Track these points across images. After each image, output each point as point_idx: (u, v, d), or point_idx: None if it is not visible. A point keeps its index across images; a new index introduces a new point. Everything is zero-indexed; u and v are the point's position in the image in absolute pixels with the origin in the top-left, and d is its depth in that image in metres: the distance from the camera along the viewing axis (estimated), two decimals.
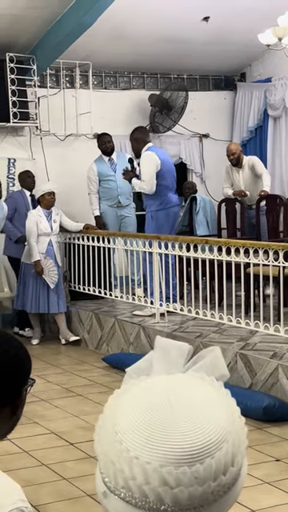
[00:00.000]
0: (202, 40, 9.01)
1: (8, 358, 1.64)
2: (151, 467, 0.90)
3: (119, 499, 0.94)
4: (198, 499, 0.92)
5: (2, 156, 8.88)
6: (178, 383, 0.99)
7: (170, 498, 0.91)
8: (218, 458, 0.93)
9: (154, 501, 0.91)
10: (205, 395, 0.97)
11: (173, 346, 1.06)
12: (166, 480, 0.90)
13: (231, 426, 0.97)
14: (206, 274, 6.62)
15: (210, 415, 0.95)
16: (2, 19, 7.83)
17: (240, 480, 0.99)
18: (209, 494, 0.93)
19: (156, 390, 0.97)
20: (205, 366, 1.03)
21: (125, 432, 0.93)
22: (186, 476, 0.91)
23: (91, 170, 8.55)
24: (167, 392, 0.96)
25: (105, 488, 0.96)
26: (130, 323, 7.09)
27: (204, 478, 0.91)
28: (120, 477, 0.93)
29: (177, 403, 0.94)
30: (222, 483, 0.94)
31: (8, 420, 1.65)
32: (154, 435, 0.92)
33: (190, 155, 10.08)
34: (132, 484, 0.92)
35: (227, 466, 0.94)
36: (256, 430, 5.12)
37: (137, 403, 0.96)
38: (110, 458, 0.93)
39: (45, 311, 7.86)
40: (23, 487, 1.46)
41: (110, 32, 8.48)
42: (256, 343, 5.99)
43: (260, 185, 8.27)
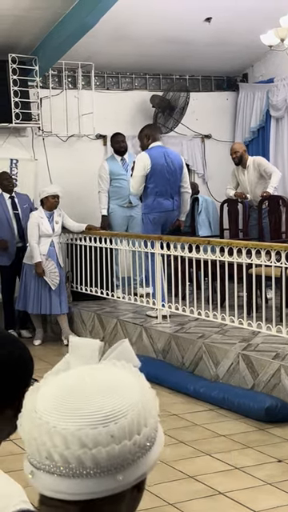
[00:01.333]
0: (204, 41, 9.01)
1: (12, 359, 1.64)
2: (69, 432, 0.97)
3: (45, 473, 1.00)
4: (117, 458, 0.98)
5: (5, 157, 8.88)
6: (91, 368, 1.07)
7: (91, 460, 0.97)
8: (131, 418, 1.00)
9: (76, 465, 0.98)
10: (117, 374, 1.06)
11: (86, 344, 1.13)
12: (83, 442, 0.97)
13: (141, 393, 1.04)
14: (209, 274, 6.62)
15: (121, 384, 1.03)
16: (5, 20, 7.84)
17: (157, 444, 1.05)
18: (127, 454, 0.99)
19: (72, 374, 1.06)
20: (115, 356, 1.10)
21: (44, 409, 1.01)
22: (101, 436, 0.97)
23: (103, 169, 8.54)
24: (81, 374, 1.05)
25: (31, 468, 1.02)
26: (132, 324, 7.09)
27: (119, 436, 0.98)
28: (43, 449, 0.99)
29: (92, 381, 1.03)
30: (138, 442, 1.00)
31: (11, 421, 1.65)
32: (71, 406, 0.99)
33: (192, 156, 10.07)
34: (54, 452, 0.98)
35: (140, 426, 1.01)
36: (258, 431, 5.12)
37: (53, 385, 1.05)
38: (33, 434, 1.01)
39: (46, 312, 7.86)
40: (25, 488, 1.46)
41: (113, 33, 8.48)
42: (258, 344, 5.99)
43: (265, 185, 8.25)
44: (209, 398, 5.74)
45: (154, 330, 6.80)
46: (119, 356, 1.10)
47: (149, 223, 7.34)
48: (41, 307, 7.78)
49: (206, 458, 4.67)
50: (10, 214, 8.05)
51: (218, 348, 6.00)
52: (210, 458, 4.68)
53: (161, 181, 7.21)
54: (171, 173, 7.26)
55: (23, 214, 8.06)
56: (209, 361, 6.08)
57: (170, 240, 6.89)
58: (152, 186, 7.21)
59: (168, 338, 6.57)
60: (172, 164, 7.28)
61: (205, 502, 4.00)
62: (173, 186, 7.29)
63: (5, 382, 1.63)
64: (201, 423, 5.34)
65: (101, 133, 9.36)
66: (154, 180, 7.19)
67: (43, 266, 7.69)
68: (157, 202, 7.24)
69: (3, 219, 7.97)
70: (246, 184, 8.41)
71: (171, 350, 6.53)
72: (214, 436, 5.08)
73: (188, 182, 7.52)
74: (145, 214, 7.39)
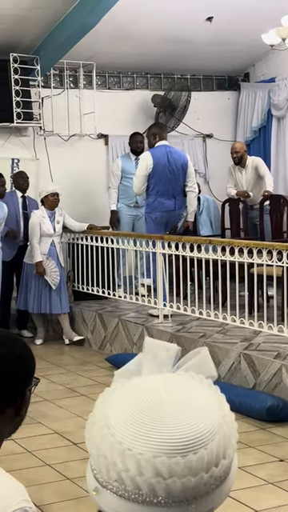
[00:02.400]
0: (205, 40, 9.01)
1: (13, 358, 1.64)
2: (144, 458, 0.91)
3: (112, 493, 0.94)
4: (191, 491, 0.93)
5: (6, 156, 8.88)
6: (168, 380, 1.00)
7: (163, 490, 0.91)
8: (211, 449, 0.93)
9: (147, 493, 0.92)
10: (195, 391, 0.99)
11: (161, 347, 1.07)
12: (159, 471, 0.91)
13: (222, 419, 0.97)
14: (210, 274, 6.62)
15: (202, 409, 0.96)
16: (6, 20, 7.84)
17: (231, 475, 0.99)
18: (201, 486, 0.93)
19: (147, 386, 0.98)
20: (193, 366, 1.04)
21: (117, 425, 0.94)
22: (179, 466, 0.91)
23: (116, 165, 8.60)
24: (158, 387, 0.97)
25: (97, 484, 0.96)
26: (134, 323, 7.09)
27: (197, 468, 0.92)
28: (113, 470, 0.93)
29: (168, 397, 0.95)
30: (215, 475, 0.94)
31: (12, 420, 1.65)
32: (146, 427, 0.92)
33: (193, 155, 10.06)
34: (125, 476, 0.92)
35: (219, 458, 0.95)
36: (259, 431, 5.12)
37: (128, 398, 0.97)
38: (103, 452, 0.94)
39: (46, 311, 7.86)
40: (27, 487, 1.47)
41: (114, 32, 8.48)
42: (260, 343, 5.99)
43: (262, 186, 8.27)
44: None
45: (155, 329, 6.80)
46: (196, 366, 1.05)
47: (151, 223, 7.36)
48: (41, 306, 7.79)
49: None
50: (19, 211, 8.10)
51: (220, 347, 6.00)
52: None
53: (162, 180, 7.21)
54: (173, 172, 7.25)
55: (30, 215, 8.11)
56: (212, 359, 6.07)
57: (171, 239, 6.89)
58: (153, 185, 7.22)
59: (169, 338, 6.56)
60: (175, 163, 7.27)
61: None
62: (175, 186, 7.28)
63: (6, 381, 1.63)
64: None
65: (102, 132, 9.36)
66: (155, 179, 7.20)
67: (44, 265, 7.69)
68: (158, 202, 7.25)
69: (12, 215, 8.01)
70: (243, 183, 8.42)
71: None
72: None
73: (193, 180, 7.49)
74: (147, 214, 7.41)
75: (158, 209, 7.27)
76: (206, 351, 1.07)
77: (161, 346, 1.08)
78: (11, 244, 7.99)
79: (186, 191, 7.42)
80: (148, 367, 1.04)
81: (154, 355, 1.06)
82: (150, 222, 7.37)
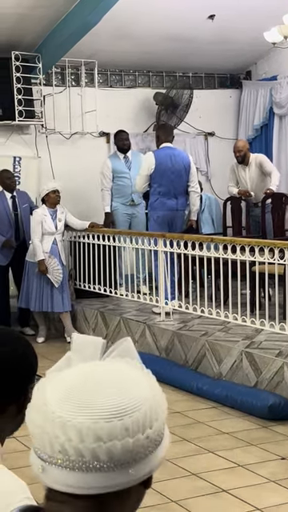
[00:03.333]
0: (207, 38, 9.00)
1: (16, 356, 1.64)
2: (84, 426, 0.97)
3: (56, 467, 1.00)
4: (131, 452, 0.99)
5: (8, 154, 8.88)
6: (99, 364, 1.08)
7: (105, 453, 0.98)
8: (144, 412, 1.01)
9: (90, 459, 0.98)
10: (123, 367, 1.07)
11: (88, 341, 1.14)
12: (99, 435, 0.97)
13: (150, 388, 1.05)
14: (212, 272, 6.62)
15: (131, 379, 1.04)
16: (8, 18, 7.84)
17: (165, 439, 1.06)
18: (140, 448, 1.00)
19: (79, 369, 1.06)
20: (118, 354, 1.11)
21: (56, 402, 1.01)
22: (116, 429, 0.98)
23: (105, 166, 8.53)
24: (90, 367, 1.06)
25: (41, 462, 1.02)
26: (136, 321, 7.10)
27: (133, 430, 0.99)
28: (56, 442, 0.99)
29: (100, 373, 1.04)
30: (150, 437, 1.01)
31: (14, 418, 1.66)
32: (83, 398, 1.00)
33: (195, 153, 10.06)
34: (68, 446, 0.98)
35: (152, 420, 1.02)
36: (261, 429, 5.12)
37: (63, 379, 1.04)
38: (45, 428, 1.00)
39: (48, 310, 7.86)
40: (29, 485, 1.47)
41: (115, 30, 8.48)
42: (261, 341, 5.99)
43: (266, 183, 8.26)
44: (212, 395, 5.74)
45: (157, 327, 6.80)
46: (122, 354, 1.11)
47: (153, 222, 7.49)
48: (42, 305, 7.79)
49: (210, 456, 4.68)
50: (10, 212, 8.03)
51: (221, 345, 6.00)
52: (214, 455, 4.68)
53: (164, 181, 7.33)
54: (176, 173, 7.35)
55: (22, 214, 8.06)
56: (212, 358, 6.08)
57: (173, 238, 6.90)
58: (156, 185, 7.35)
59: (171, 336, 6.57)
60: (177, 165, 7.37)
61: (208, 500, 4.00)
62: (177, 187, 7.38)
63: (8, 378, 1.63)
64: (204, 421, 5.34)
65: (104, 130, 9.36)
66: (157, 180, 7.32)
67: (46, 263, 7.69)
68: (159, 202, 7.36)
69: (4, 218, 7.95)
70: (247, 181, 8.41)
71: (174, 347, 6.54)
72: (217, 433, 5.09)
73: (195, 181, 7.60)
74: (150, 213, 7.57)
75: (160, 208, 7.36)
76: (129, 341, 1.13)
77: (87, 340, 1.14)
78: (6, 251, 7.96)
79: (189, 191, 7.52)
80: (77, 362, 1.10)
81: (82, 350, 1.12)
82: (153, 221, 7.49)
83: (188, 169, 7.45)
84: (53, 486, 1.02)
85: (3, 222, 7.93)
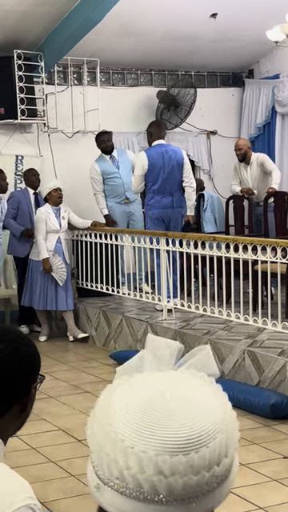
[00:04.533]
0: (209, 37, 9.00)
1: (19, 355, 1.64)
2: (146, 456, 0.91)
3: (112, 491, 0.94)
4: (192, 489, 0.93)
5: (10, 153, 8.88)
6: (170, 378, 1.00)
7: (165, 488, 0.91)
8: (213, 448, 0.93)
9: (149, 491, 0.92)
10: (198, 389, 0.99)
11: (164, 344, 1.06)
12: (160, 469, 0.91)
13: (224, 418, 0.97)
14: (214, 271, 6.62)
15: (205, 407, 0.96)
16: (10, 16, 7.84)
17: (232, 473, 0.99)
18: (203, 485, 0.93)
19: (150, 383, 0.98)
20: (195, 363, 1.04)
21: (120, 423, 0.94)
22: (180, 464, 0.91)
23: (94, 170, 8.51)
24: (161, 385, 0.97)
25: (98, 481, 0.96)
26: (138, 320, 7.10)
27: (198, 467, 0.92)
28: (114, 467, 0.93)
29: (171, 395, 0.95)
30: (216, 474, 0.94)
31: (18, 417, 1.66)
32: (149, 425, 0.92)
33: (197, 152, 10.06)
34: (126, 474, 0.92)
35: (221, 457, 0.95)
36: (263, 427, 5.12)
37: (131, 395, 0.97)
38: (104, 449, 0.94)
39: (52, 308, 7.87)
40: (31, 484, 1.47)
41: (118, 29, 8.48)
42: (264, 340, 5.98)
43: (268, 182, 8.26)
44: None
45: (159, 326, 6.80)
46: (198, 364, 1.04)
47: (149, 220, 7.54)
48: (47, 303, 7.79)
49: None
50: (32, 209, 8.11)
51: (224, 344, 6.00)
52: None
53: (158, 179, 7.36)
54: (169, 170, 7.37)
55: None
56: (214, 357, 6.05)
57: (175, 236, 6.90)
58: (150, 184, 7.41)
59: (173, 335, 6.57)
60: (170, 162, 7.38)
61: None
62: (171, 184, 7.40)
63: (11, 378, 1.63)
64: None
65: (106, 129, 9.34)
66: (151, 179, 7.37)
67: (50, 262, 7.70)
68: (154, 200, 7.41)
69: (26, 213, 8.06)
70: (249, 180, 8.40)
71: None
72: None
73: (190, 175, 7.55)
74: (146, 211, 7.61)
75: (156, 206, 7.42)
76: (208, 349, 1.07)
77: (163, 343, 1.07)
78: (25, 241, 8.02)
79: (184, 186, 7.49)
80: (150, 364, 1.04)
81: (156, 352, 1.05)
82: (149, 219, 7.55)
83: (181, 164, 7.44)
84: (107, 508, 0.96)
85: (24, 217, 8.02)
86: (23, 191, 8.31)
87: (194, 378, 1.01)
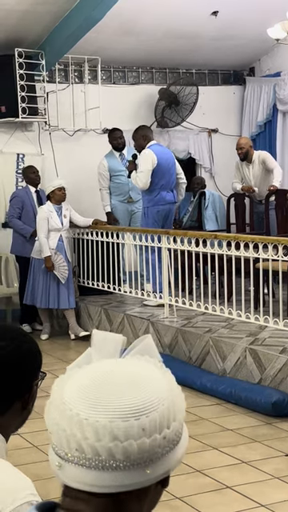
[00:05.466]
0: (210, 35, 8.99)
1: (21, 352, 1.65)
2: (101, 424, 0.97)
3: (73, 464, 1.00)
4: (147, 452, 0.99)
5: (11, 151, 8.89)
6: (117, 361, 1.08)
7: (121, 452, 0.97)
8: (161, 413, 1.00)
9: (107, 457, 0.98)
10: (142, 366, 1.06)
11: (108, 338, 1.13)
12: (115, 434, 0.97)
13: (169, 388, 1.05)
14: (215, 269, 6.62)
15: (150, 378, 1.04)
16: (11, 14, 7.83)
17: (183, 439, 1.06)
18: (156, 448, 1.00)
19: (98, 365, 1.06)
20: (138, 351, 1.11)
21: (73, 400, 1.01)
22: (133, 428, 0.98)
23: (102, 166, 8.55)
24: (109, 365, 1.05)
25: (58, 459, 1.02)
26: (139, 318, 7.10)
27: (150, 429, 0.99)
28: (73, 440, 0.99)
29: (119, 371, 1.03)
30: (167, 437, 1.01)
31: (19, 414, 1.66)
32: (100, 397, 1.00)
33: (198, 150, 10.06)
34: (84, 444, 0.98)
35: (170, 421, 1.02)
36: (265, 425, 5.12)
37: (82, 377, 1.04)
38: (62, 426, 1.01)
39: (54, 306, 7.88)
40: (33, 481, 1.47)
41: (119, 27, 8.47)
42: (265, 338, 5.99)
43: (270, 180, 8.25)
44: (216, 392, 5.74)
45: (160, 324, 6.80)
46: (142, 351, 1.10)
47: (150, 216, 7.58)
48: (49, 301, 7.79)
49: (214, 452, 4.68)
50: (35, 207, 8.11)
51: (225, 342, 6.00)
52: (218, 452, 4.69)
53: (164, 175, 7.51)
54: (170, 168, 7.63)
55: None
56: (216, 355, 6.08)
57: (176, 234, 6.90)
58: (157, 180, 7.47)
59: (175, 333, 6.57)
60: (169, 160, 7.67)
61: (212, 496, 4.00)
62: (172, 180, 7.67)
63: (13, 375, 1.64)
64: (208, 417, 5.34)
65: (107, 127, 9.34)
66: (159, 174, 7.46)
67: (52, 260, 7.70)
68: (160, 196, 7.52)
69: (30, 212, 8.07)
70: (251, 178, 8.40)
71: (178, 344, 6.54)
72: (221, 430, 5.09)
73: (182, 172, 7.96)
74: (148, 208, 7.63)
75: (161, 202, 7.55)
76: (149, 337, 1.13)
77: (108, 337, 1.13)
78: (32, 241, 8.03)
79: (180, 183, 7.87)
80: (96, 357, 1.10)
81: (102, 347, 1.11)
82: (150, 215, 7.59)
83: (174, 162, 7.79)
84: (69, 484, 1.02)
85: (28, 216, 8.04)
86: (25, 190, 8.31)
87: (139, 360, 1.08)
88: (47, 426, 1.05)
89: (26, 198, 8.17)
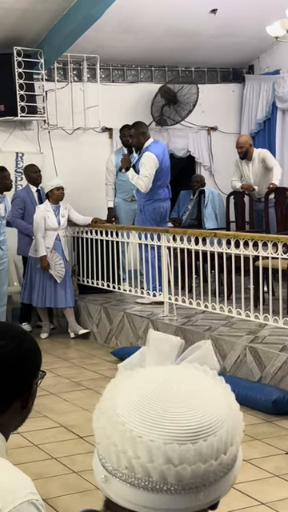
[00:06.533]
0: (209, 33, 8.98)
1: (20, 351, 1.65)
2: (155, 445, 0.92)
3: (121, 481, 0.95)
4: (200, 478, 0.94)
5: (10, 150, 8.88)
6: (175, 370, 1.02)
7: (174, 476, 0.93)
8: (220, 437, 0.95)
9: (158, 480, 0.93)
10: (202, 380, 1.01)
11: (164, 339, 1.08)
12: (169, 457, 0.92)
13: (229, 408, 0.99)
14: (215, 267, 6.62)
15: (210, 398, 0.98)
16: (10, 13, 7.83)
17: (237, 463, 1.01)
18: (210, 473, 0.95)
19: (154, 375, 1.00)
20: (196, 358, 1.06)
21: (127, 414, 0.95)
22: (189, 453, 0.93)
23: (109, 161, 8.57)
24: (166, 376, 0.99)
25: (105, 472, 0.97)
26: (139, 317, 7.09)
27: (207, 455, 0.94)
28: (123, 457, 0.94)
29: (177, 386, 0.97)
30: (223, 462, 0.96)
31: (19, 413, 1.66)
32: (157, 415, 0.94)
33: (198, 148, 10.05)
34: (135, 463, 0.93)
35: (227, 445, 0.97)
36: (265, 423, 5.12)
37: (136, 387, 0.98)
38: (113, 440, 0.95)
39: (51, 305, 7.87)
40: (33, 480, 1.47)
41: (118, 25, 8.46)
42: (265, 336, 5.98)
43: (270, 178, 8.25)
44: None
45: (160, 322, 6.80)
46: (201, 360, 1.05)
47: (147, 214, 7.58)
48: (45, 300, 7.79)
49: None
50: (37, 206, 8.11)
51: (225, 340, 6.00)
52: None
53: (163, 175, 7.55)
54: (168, 165, 7.66)
55: None
56: (216, 353, 6.01)
57: (176, 232, 6.89)
58: (155, 180, 7.48)
59: (175, 331, 6.56)
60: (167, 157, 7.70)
61: None
62: (169, 177, 7.73)
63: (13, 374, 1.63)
64: None
65: (106, 125, 9.35)
66: (158, 175, 7.48)
67: (48, 258, 7.70)
68: (157, 193, 7.55)
69: (31, 211, 8.06)
70: (250, 176, 8.39)
71: None
72: None
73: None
74: (144, 206, 7.60)
75: (158, 200, 7.56)
76: (209, 344, 1.09)
77: (164, 338, 1.08)
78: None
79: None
80: (151, 360, 1.05)
81: (157, 348, 1.06)
82: (147, 212, 7.58)
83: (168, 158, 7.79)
84: (115, 500, 0.97)
85: (31, 215, 8.04)
86: (26, 190, 8.29)
87: (197, 371, 1.02)
88: (95, 435, 0.99)
89: (28, 198, 8.16)
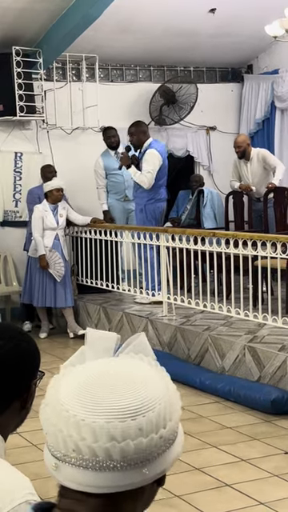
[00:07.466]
0: (208, 32, 8.98)
1: (19, 351, 1.65)
2: (98, 425, 0.98)
3: (70, 465, 1.00)
4: (144, 452, 0.99)
5: (9, 150, 8.88)
6: (112, 360, 1.08)
7: (118, 453, 0.98)
8: (158, 412, 1.01)
9: (104, 458, 0.98)
10: (137, 365, 1.07)
11: (102, 336, 1.14)
12: (112, 435, 0.98)
13: (166, 387, 1.06)
14: (214, 266, 6.61)
15: (146, 378, 1.04)
16: (9, 13, 7.82)
17: (178, 439, 1.07)
18: (153, 447, 1.00)
19: (93, 366, 1.06)
20: (132, 349, 1.12)
21: (70, 401, 1.01)
22: (130, 429, 0.98)
23: (98, 164, 8.57)
24: (104, 365, 1.06)
25: (55, 460, 1.02)
26: (138, 316, 7.09)
27: (147, 430, 0.99)
28: (70, 441, 0.99)
29: (114, 371, 1.04)
30: (164, 436, 1.02)
31: (18, 413, 1.66)
32: (96, 398, 1.00)
33: (197, 148, 10.05)
34: (82, 445, 0.98)
35: (166, 421, 1.03)
36: (264, 423, 5.12)
37: (77, 377, 1.04)
38: (59, 427, 1.00)
39: (51, 305, 7.87)
40: (32, 481, 1.47)
41: (117, 25, 8.46)
42: (264, 336, 5.98)
43: (268, 177, 8.24)
44: (215, 390, 5.74)
45: (159, 322, 6.80)
46: (136, 350, 1.11)
47: (149, 213, 7.58)
48: (45, 300, 7.79)
49: (213, 450, 4.67)
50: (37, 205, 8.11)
51: (224, 340, 6.00)
52: (217, 450, 4.68)
53: (165, 172, 7.59)
54: (167, 164, 7.69)
55: None
56: (215, 353, 6.08)
57: (175, 232, 6.89)
58: (158, 178, 7.49)
59: (174, 331, 6.57)
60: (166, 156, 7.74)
61: (211, 494, 4.00)
62: (167, 177, 7.75)
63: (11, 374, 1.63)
64: (207, 415, 5.34)
65: (105, 125, 9.34)
66: (162, 172, 7.52)
67: (47, 258, 7.69)
68: (159, 193, 7.57)
69: None
70: (249, 176, 8.38)
71: (177, 342, 6.53)
72: (220, 428, 5.09)
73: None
74: (146, 205, 7.58)
75: (160, 199, 7.59)
76: (143, 336, 1.14)
77: (102, 335, 1.14)
78: None
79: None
80: (91, 356, 1.10)
81: (96, 345, 1.12)
82: (148, 212, 7.58)
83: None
84: (66, 484, 1.02)
85: None
86: (40, 188, 8.22)
87: (133, 359, 1.09)
88: (43, 427, 1.05)
89: (42, 196, 8.15)
